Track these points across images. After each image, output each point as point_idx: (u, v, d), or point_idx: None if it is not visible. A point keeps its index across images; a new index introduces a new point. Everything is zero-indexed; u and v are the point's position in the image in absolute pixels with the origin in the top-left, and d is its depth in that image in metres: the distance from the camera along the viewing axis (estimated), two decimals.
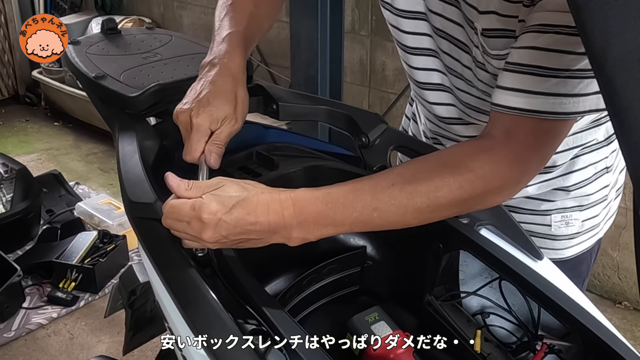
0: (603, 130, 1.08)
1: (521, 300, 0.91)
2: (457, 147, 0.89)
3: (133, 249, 2.66)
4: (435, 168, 0.80)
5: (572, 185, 1.09)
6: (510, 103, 0.80)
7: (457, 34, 0.94)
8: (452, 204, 0.80)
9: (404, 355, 0.90)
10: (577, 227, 1.12)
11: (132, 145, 1.01)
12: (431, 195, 0.78)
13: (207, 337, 0.74)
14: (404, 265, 1.06)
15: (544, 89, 0.78)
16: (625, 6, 0.45)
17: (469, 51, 0.94)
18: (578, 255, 1.14)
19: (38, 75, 4.10)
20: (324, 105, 1.12)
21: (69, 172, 3.45)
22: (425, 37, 1.01)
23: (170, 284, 0.82)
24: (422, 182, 0.78)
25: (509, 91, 0.81)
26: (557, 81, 0.78)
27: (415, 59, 1.05)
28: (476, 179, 0.79)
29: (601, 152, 1.09)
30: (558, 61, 0.77)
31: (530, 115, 0.79)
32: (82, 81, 1.19)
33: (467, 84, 0.99)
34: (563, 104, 0.78)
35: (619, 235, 2.40)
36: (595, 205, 1.12)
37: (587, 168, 1.09)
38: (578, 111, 0.79)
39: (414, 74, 1.07)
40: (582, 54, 0.75)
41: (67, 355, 2.23)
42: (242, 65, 0.97)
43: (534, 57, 0.78)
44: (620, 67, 0.46)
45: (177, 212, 0.77)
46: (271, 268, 1.05)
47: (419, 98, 1.13)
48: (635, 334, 2.33)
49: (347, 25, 2.92)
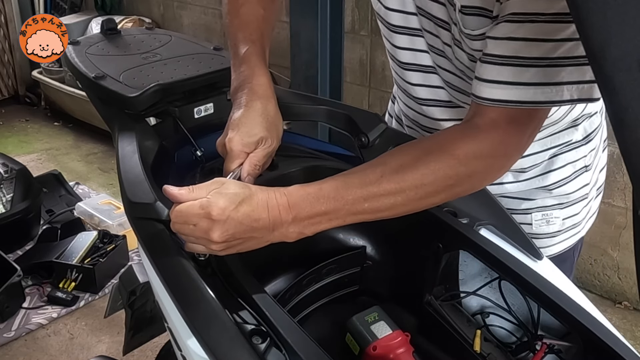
0: (581, 130, 1.09)
1: (521, 300, 0.91)
2: (442, 135, 0.89)
3: (133, 249, 2.66)
4: (422, 157, 0.82)
5: (552, 184, 1.10)
6: (493, 95, 0.82)
7: (436, 12, 0.94)
8: (440, 191, 0.83)
9: (404, 355, 0.90)
10: (558, 226, 1.13)
11: (132, 145, 1.01)
12: (419, 184, 0.81)
13: (207, 337, 0.74)
14: (403, 265, 1.06)
15: (526, 79, 0.79)
16: (625, 6, 0.45)
17: (449, 29, 0.94)
18: (560, 253, 1.15)
19: (38, 75, 4.10)
20: (324, 105, 1.12)
21: (69, 172, 3.45)
22: (411, 16, 1.01)
23: (170, 284, 0.82)
24: (409, 172, 0.81)
25: (491, 83, 0.82)
26: (537, 70, 0.79)
27: (399, 37, 1.04)
28: (461, 166, 0.82)
29: (580, 150, 1.10)
30: (536, 50, 0.78)
31: (513, 106, 0.81)
32: (82, 81, 1.19)
33: (449, 62, 1.00)
34: (545, 92, 0.80)
35: (619, 235, 2.40)
36: (576, 203, 1.13)
37: (565, 167, 1.10)
38: (562, 99, 0.80)
39: (397, 54, 1.07)
40: (561, 40, 0.76)
41: (67, 355, 2.23)
42: (268, 83, 0.99)
43: (513, 47, 0.79)
44: (619, 67, 0.46)
45: (185, 214, 0.78)
46: (271, 268, 1.05)
47: (399, 80, 1.12)
48: (635, 334, 2.33)
49: (347, 25, 2.92)
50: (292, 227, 0.80)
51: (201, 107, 1.14)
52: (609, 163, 2.30)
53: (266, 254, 1.00)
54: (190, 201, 0.78)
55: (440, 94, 1.06)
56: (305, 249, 1.09)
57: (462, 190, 0.88)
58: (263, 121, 0.94)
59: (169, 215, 0.86)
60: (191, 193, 0.79)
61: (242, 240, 0.80)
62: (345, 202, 0.80)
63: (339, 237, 1.11)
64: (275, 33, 3.29)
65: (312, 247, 1.10)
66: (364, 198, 0.80)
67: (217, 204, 0.77)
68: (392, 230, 1.07)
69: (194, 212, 0.78)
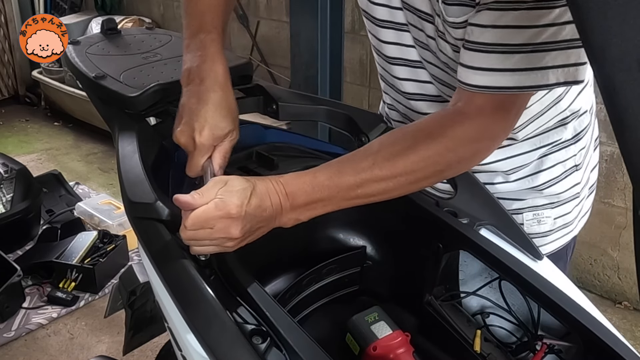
0: (570, 129, 1.09)
1: (521, 300, 0.91)
2: (431, 121, 0.91)
3: (133, 249, 2.66)
4: (413, 145, 0.85)
5: (542, 184, 1.10)
6: (479, 82, 0.84)
7: (420, 5, 0.95)
8: (429, 176, 0.88)
9: (404, 355, 0.90)
10: (550, 225, 1.13)
11: (132, 145, 1.01)
12: (410, 171, 0.85)
13: (207, 337, 0.74)
14: (403, 265, 1.06)
15: (511, 65, 0.81)
16: (625, 6, 0.45)
17: (432, 21, 0.94)
18: (553, 252, 1.15)
19: (38, 75, 4.11)
20: (324, 105, 1.12)
21: (69, 172, 3.45)
22: (397, 11, 1.01)
23: (170, 284, 0.82)
24: (400, 159, 0.84)
25: (476, 70, 0.84)
26: (522, 56, 0.81)
27: (385, 32, 1.05)
28: (450, 153, 0.86)
29: (569, 150, 1.10)
30: (520, 37, 0.80)
31: (500, 92, 0.84)
32: (82, 81, 1.19)
33: (434, 56, 1.00)
34: (531, 77, 0.82)
35: (619, 235, 2.40)
36: (567, 202, 1.13)
37: (555, 166, 1.10)
38: (548, 83, 0.83)
39: (383, 48, 1.07)
40: (543, 26, 0.78)
41: (67, 355, 2.23)
42: (227, 73, 0.98)
43: (497, 35, 0.81)
44: (619, 67, 0.46)
45: (203, 218, 0.78)
46: (271, 268, 1.05)
47: (386, 75, 1.12)
48: (635, 334, 2.33)
49: (347, 25, 2.92)
50: (290, 214, 0.83)
51: None
52: (609, 163, 2.31)
53: (266, 254, 1.00)
54: (204, 205, 0.78)
55: (428, 89, 1.06)
56: (305, 249, 1.09)
57: (451, 174, 0.93)
58: (228, 114, 0.94)
59: (169, 215, 0.86)
60: (202, 197, 0.79)
61: (254, 231, 0.82)
62: (339, 190, 0.83)
63: (339, 237, 1.11)
64: (276, 33, 3.31)
65: (312, 247, 1.10)
66: (357, 185, 0.83)
67: (233, 202, 0.78)
68: (392, 230, 1.07)
69: (211, 214, 0.78)
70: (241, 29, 3.47)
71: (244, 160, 1.10)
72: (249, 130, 1.18)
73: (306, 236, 1.11)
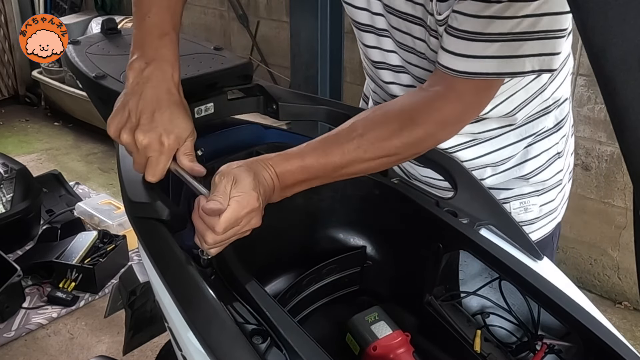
0: (552, 117, 1.12)
1: (521, 300, 0.91)
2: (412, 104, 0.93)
3: (133, 249, 2.66)
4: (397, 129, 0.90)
5: (529, 173, 1.14)
6: (460, 67, 0.88)
7: (404, 8, 0.96)
8: (408, 156, 0.97)
9: (404, 355, 0.90)
10: (536, 212, 1.16)
11: None
12: (392, 154, 0.91)
13: (208, 337, 0.74)
14: (403, 265, 1.06)
15: (491, 53, 0.85)
16: (625, 6, 0.45)
17: (421, 23, 0.95)
18: (540, 240, 1.18)
19: (38, 75, 4.10)
20: (324, 105, 1.12)
21: (69, 172, 3.45)
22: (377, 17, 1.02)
23: (170, 284, 0.82)
24: (385, 143, 0.90)
25: (458, 56, 0.87)
26: (502, 44, 0.84)
27: (367, 36, 1.06)
28: (430, 137, 0.93)
29: (552, 138, 1.14)
30: (502, 27, 0.83)
31: (478, 77, 0.88)
32: (82, 81, 1.19)
33: (419, 58, 1.01)
34: (509, 64, 0.86)
35: (619, 235, 2.40)
36: (551, 189, 1.16)
37: (540, 155, 1.13)
38: (524, 71, 0.87)
39: (368, 52, 1.09)
40: (524, 16, 0.81)
41: (67, 355, 2.23)
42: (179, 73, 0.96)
43: (480, 24, 0.84)
44: (620, 67, 0.46)
45: (232, 220, 0.80)
46: (271, 268, 1.05)
47: (374, 77, 1.14)
48: (635, 334, 2.33)
49: (347, 25, 2.92)
50: (279, 192, 0.87)
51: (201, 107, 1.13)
52: (609, 163, 2.31)
53: (266, 254, 1.00)
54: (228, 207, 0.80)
55: None
56: (305, 249, 1.09)
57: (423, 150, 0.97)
58: (186, 114, 0.93)
59: (169, 215, 0.86)
60: (225, 199, 0.80)
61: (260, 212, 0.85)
62: (325, 170, 0.88)
63: (339, 237, 1.11)
64: (275, 33, 3.31)
65: (312, 247, 1.10)
66: (342, 166, 0.89)
67: (253, 196, 0.81)
68: (392, 230, 1.07)
69: (240, 213, 0.80)
70: (241, 29, 3.48)
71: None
72: (249, 130, 1.18)
73: (306, 236, 1.11)
